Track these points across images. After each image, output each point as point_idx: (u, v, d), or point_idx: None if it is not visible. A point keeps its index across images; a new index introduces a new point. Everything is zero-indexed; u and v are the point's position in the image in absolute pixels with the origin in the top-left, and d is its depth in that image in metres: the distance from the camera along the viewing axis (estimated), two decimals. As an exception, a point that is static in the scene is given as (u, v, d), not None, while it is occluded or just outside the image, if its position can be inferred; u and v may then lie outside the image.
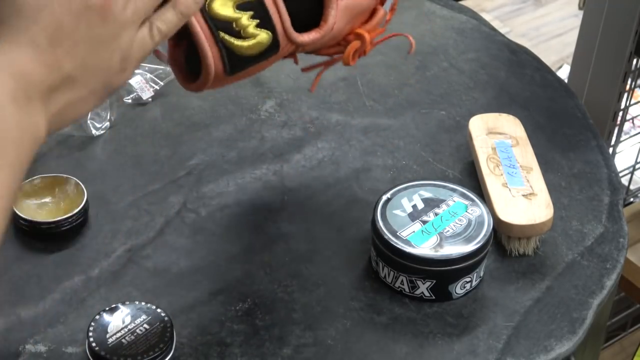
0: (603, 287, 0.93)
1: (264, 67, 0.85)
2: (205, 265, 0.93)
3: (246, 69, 0.83)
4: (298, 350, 0.85)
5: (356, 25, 0.87)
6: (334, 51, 0.89)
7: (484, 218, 0.91)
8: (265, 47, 0.82)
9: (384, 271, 0.90)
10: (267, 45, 0.82)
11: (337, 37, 0.86)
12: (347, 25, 0.86)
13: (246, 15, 0.80)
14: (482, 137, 1.03)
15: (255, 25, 0.81)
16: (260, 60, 0.83)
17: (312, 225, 0.98)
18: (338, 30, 0.85)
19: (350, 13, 0.85)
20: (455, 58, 1.22)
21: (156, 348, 0.81)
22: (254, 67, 0.84)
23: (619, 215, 1.01)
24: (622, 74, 1.26)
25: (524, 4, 2.45)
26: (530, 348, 0.87)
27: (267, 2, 0.81)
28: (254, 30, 0.81)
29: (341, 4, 0.84)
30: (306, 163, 1.05)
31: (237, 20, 0.80)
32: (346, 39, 0.87)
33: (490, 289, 0.92)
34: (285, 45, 0.83)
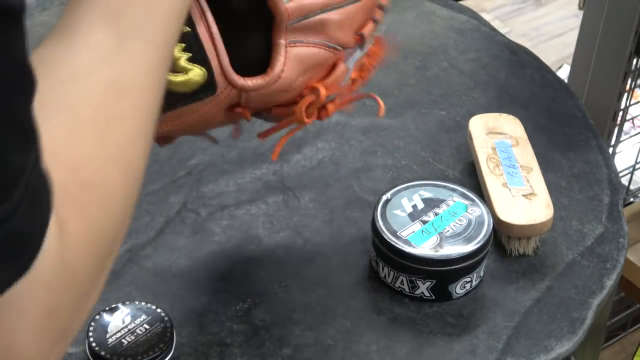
0: (603, 287, 0.93)
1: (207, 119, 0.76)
2: (205, 265, 0.93)
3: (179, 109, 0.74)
4: (298, 350, 0.85)
5: (313, 80, 0.78)
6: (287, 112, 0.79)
7: (484, 218, 0.91)
8: (198, 84, 0.73)
9: (384, 271, 0.90)
10: (200, 82, 0.73)
11: (289, 90, 0.77)
12: (301, 79, 0.76)
13: (178, 47, 0.72)
14: (482, 137, 1.03)
15: (187, 59, 0.72)
16: (195, 100, 0.74)
17: (311, 225, 0.98)
18: (288, 81, 0.76)
19: (302, 64, 0.76)
20: (455, 58, 1.22)
21: (156, 348, 0.81)
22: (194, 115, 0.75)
23: (619, 215, 1.01)
24: (622, 74, 1.26)
25: (524, 4, 2.45)
26: (530, 348, 0.87)
27: (201, 35, 0.72)
28: (185, 64, 0.72)
29: (291, 53, 0.75)
30: (306, 163, 1.05)
31: None
32: (301, 95, 0.78)
33: (490, 289, 0.92)
34: (224, 88, 0.74)
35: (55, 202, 0.48)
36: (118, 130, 0.55)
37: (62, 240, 0.48)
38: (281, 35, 0.74)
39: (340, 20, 0.76)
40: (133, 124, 0.56)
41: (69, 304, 0.50)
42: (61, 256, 0.48)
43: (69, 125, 0.53)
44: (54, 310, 0.49)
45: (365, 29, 0.78)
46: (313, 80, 0.77)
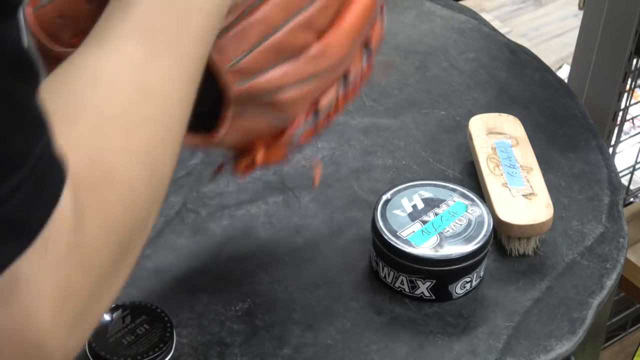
0: (603, 287, 0.93)
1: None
2: (205, 265, 0.93)
3: None
4: (298, 350, 0.85)
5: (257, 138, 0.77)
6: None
7: (484, 218, 0.91)
8: None
9: (384, 271, 0.90)
10: None
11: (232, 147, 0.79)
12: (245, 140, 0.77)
13: None
14: (482, 137, 1.03)
15: None
16: None
17: (312, 225, 0.98)
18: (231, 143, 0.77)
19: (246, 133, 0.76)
20: (455, 58, 1.22)
21: (156, 348, 0.81)
22: None
23: (619, 215, 1.01)
24: (622, 74, 1.26)
25: (524, 4, 2.45)
26: (530, 348, 0.87)
27: None
28: None
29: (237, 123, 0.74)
30: (306, 163, 1.05)
31: None
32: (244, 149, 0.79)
33: (490, 289, 0.92)
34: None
35: (76, 189, 0.50)
36: (144, 131, 0.56)
37: (78, 226, 0.50)
38: (229, 109, 0.73)
39: (294, 99, 0.73)
40: (160, 129, 0.58)
41: (84, 288, 0.51)
42: (76, 240, 0.50)
43: (95, 122, 0.54)
44: (69, 292, 0.50)
45: (323, 100, 0.76)
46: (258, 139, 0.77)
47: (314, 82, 0.74)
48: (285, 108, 0.74)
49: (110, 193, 0.53)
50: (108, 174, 0.53)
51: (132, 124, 0.56)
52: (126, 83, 0.57)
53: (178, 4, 0.60)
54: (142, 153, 0.56)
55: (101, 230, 0.52)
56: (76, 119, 0.54)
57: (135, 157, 0.55)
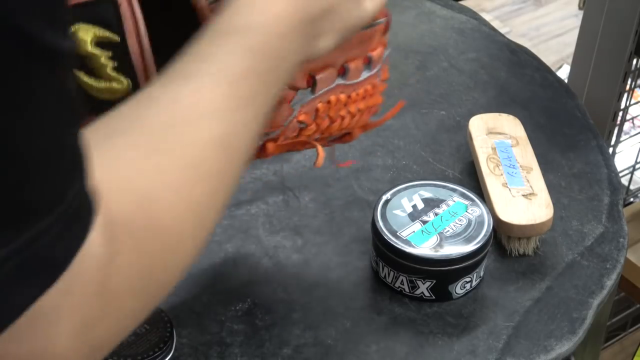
0: (603, 287, 0.93)
1: None
2: (205, 265, 0.93)
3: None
4: (298, 350, 0.85)
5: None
6: None
7: (484, 218, 0.91)
8: (122, 94, 0.71)
9: (384, 271, 0.90)
10: (123, 92, 0.71)
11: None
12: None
13: (105, 54, 0.70)
14: (482, 137, 1.03)
15: (112, 68, 0.70)
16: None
17: (311, 225, 0.98)
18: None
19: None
20: (455, 58, 1.22)
21: (156, 348, 0.81)
22: None
23: (619, 215, 1.01)
24: (622, 74, 1.26)
25: (524, 4, 2.45)
26: (530, 348, 0.87)
27: (131, 48, 0.70)
28: (110, 72, 0.70)
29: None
30: (306, 163, 1.05)
31: (93, 57, 0.70)
32: None
33: (490, 289, 0.92)
34: None
35: (115, 230, 0.49)
36: (206, 186, 0.56)
37: (108, 267, 0.49)
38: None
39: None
40: (219, 183, 0.58)
41: (104, 327, 0.51)
42: (104, 281, 0.49)
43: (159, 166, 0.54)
44: (88, 330, 0.50)
45: (320, 73, 0.76)
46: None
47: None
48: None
49: (150, 242, 0.52)
50: (153, 223, 0.52)
51: (197, 178, 0.56)
52: (205, 132, 0.57)
53: (272, 60, 0.62)
54: (196, 208, 0.56)
55: (133, 276, 0.51)
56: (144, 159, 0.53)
57: (188, 212, 0.55)
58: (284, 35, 0.63)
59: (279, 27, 0.63)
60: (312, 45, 0.67)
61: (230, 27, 0.62)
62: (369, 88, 0.81)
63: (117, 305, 0.51)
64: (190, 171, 0.55)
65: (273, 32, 0.62)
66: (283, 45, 0.63)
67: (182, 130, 0.56)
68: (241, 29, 0.61)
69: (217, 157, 0.57)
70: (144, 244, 0.52)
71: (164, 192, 0.54)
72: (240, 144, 0.59)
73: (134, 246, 0.51)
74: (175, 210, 0.54)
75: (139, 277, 0.52)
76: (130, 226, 0.51)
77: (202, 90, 0.58)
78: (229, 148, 0.58)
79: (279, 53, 0.63)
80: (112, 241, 0.49)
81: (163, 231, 0.53)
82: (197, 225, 0.56)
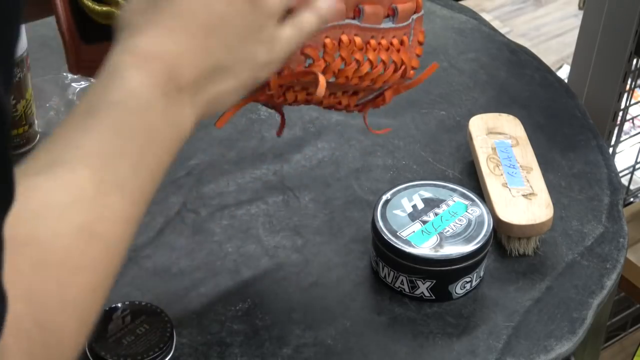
0: (603, 287, 0.93)
1: None
2: (205, 265, 0.93)
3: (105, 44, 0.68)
4: (298, 350, 0.85)
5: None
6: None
7: (484, 218, 0.91)
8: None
9: (384, 271, 0.90)
10: None
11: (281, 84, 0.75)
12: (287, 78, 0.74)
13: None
14: (482, 137, 1.03)
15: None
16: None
17: (311, 225, 0.98)
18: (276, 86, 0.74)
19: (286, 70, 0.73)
20: (455, 58, 1.22)
21: (156, 348, 0.81)
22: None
23: (619, 215, 1.01)
24: (622, 74, 1.26)
25: (524, 4, 2.45)
26: (530, 348, 0.87)
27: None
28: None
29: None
30: (306, 163, 1.05)
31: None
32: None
33: (490, 289, 0.92)
34: None
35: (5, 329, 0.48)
36: (82, 277, 0.55)
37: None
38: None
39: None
40: (96, 274, 0.56)
41: None
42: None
43: (35, 261, 0.52)
44: None
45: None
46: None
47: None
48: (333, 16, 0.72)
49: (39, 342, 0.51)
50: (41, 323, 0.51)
51: (72, 268, 0.54)
52: (73, 220, 0.55)
53: (138, 139, 0.59)
54: (77, 302, 0.54)
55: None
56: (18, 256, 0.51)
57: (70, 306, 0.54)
58: (150, 109, 0.60)
59: (141, 101, 0.59)
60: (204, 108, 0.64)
61: (91, 108, 0.59)
62: (395, 42, 0.78)
63: None
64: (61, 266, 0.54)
65: (136, 108, 0.59)
66: (150, 119, 0.60)
67: (47, 223, 0.54)
68: (102, 108, 0.59)
69: (88, 248, 0.55)
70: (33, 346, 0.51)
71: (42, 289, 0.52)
72: (113, 231, 0.57)
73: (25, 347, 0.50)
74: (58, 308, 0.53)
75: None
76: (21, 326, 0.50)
77: (63, 178, 0.56)
78: (99, 237, 0.56)
79: (147, 128, 0.59)
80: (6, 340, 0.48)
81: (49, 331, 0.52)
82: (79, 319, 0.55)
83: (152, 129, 0.60)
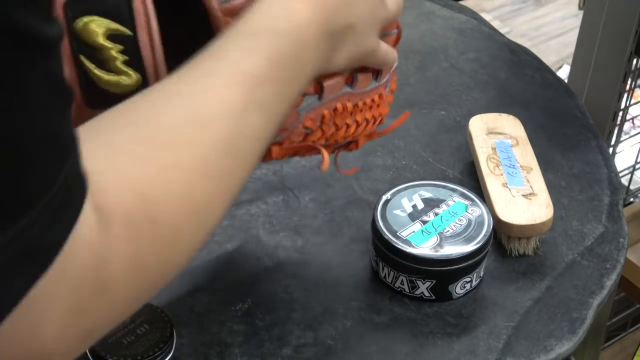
0: (603, 287, 0.93)
1: None
2: (205, 265, 0.93)
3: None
4: (298, 350, 0.85)
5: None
6: None
7: (484, 218, 0.91)
8: (130, 88, 0.71)
9: (384, 271, 0.90)
10: (132, 87, 0.71)
11: None
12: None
13: (116, 48, 0.70)
14: (482, 137, 1.03)
15: (123, 62, 0.70)
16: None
17: (312, 225, 0.98)
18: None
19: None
20: (455, 58, 1.22)
21: (156, 348, 0.81)
22: None
23: (619, 215, 1.01)
24: (622, 74, 1.26)
25: (524, 4, 2.45)
26: (530, 348, 0.87)
27: (142, 43, 0.70)
28: (120, 66, 0.70)
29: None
30: (306, 163, 1.05)
31: (104, 49, 0.70)
32: None
33: (490, 289, 0.92)
34: None
35: (112, 220, 0.49)
36: (207, 186, 0.56)
37: (101, 254, 0.49)
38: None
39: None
40: (222, 185, 0.58)
41: (97, 312, 0.51)
42: (98, 267, 0.49)
43: (167, 163, 0.54)
44: (80, 313, 0.50)
45: (328, 80, 0.77)
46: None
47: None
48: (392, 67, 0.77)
49: (147, 237, 0.52)
50: (152, 219, 0.52)
51: (200, 177, 0.56)
52: (214, 132, 0.57)
53: (289, 69, 0.62)
54: (197, 208, 0.56)
55: (128, 267, 0.51)
56: (149, 153, 0.53)
57: (188, 211, 0.55)
58: (306, 45, 0.63)
59: (302, 35, 0.63)
60: (330, 58, 0.68)
61: (254, 29, 0.62)
62: (376, 98, 0.82)
63: (110, 294, 0.51)
64: (194, 171, 0.55)
65: (296, 40, 0.63)
66: (303, 54, 0.63)
67: (190, 129, 0.56)
68: (264, 32, 0.62)
69: (223, 159, 0.57)
70: (141, 238, 0.52)
71: (165, 189, 0.53)
72: (248, 148, 0.60)
73: (130, 238, 0.51)
74: (175, 208, 0.54)
75: (133, 269, 0.52)
76: (128, 219, 0.51)
77: (215, 90, 0.58)
78: (236, 151, 0.58)
79: (298, 61, 0.63)
80: (107, 230, 0.49)
81: (161, 227, 0.53)
82: (196, 224, 0.56)
83: (302, 64, 0.64)
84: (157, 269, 0.54)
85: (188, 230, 0.56)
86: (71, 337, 0.50)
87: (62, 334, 0.49)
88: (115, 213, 0.50)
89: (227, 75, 0.59)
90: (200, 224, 0.57)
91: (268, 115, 0.61)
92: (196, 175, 0.55)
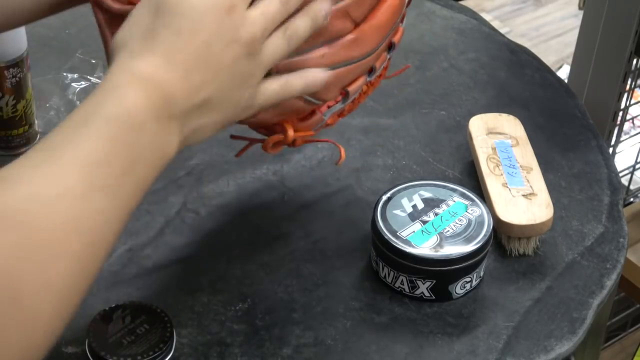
0: (603, 287, 0.93)
1: None
2: (205, 266, 0.93)
3: None
4: (298, 350, 0.85)
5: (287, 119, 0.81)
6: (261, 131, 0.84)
7: (484, 218, 0.91)
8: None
9: (384, 271, 0.90)
10: None
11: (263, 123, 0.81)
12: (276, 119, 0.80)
13: None
14: (482, 137, 1.03)
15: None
16: None
17: (312, 225, 0.98)
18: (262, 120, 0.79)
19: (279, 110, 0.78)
20: (455, 58, 1.22)
21: (156, 348, 0.81)
22: None
23: (619, 215, 1.01)
24: (622, 74, 1.26)
25: (524, 4, 2.46)
26: (530, 348, 0.87)
27: None
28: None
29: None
30: (306, 163, 1.05)
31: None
32: (272, 127, 0.81)
33: (490, 289, 0.92)
34: None
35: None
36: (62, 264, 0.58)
37: None
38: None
39: (327, 81, 0.76)
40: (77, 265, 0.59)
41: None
42: None
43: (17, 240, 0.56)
44: None
45: (352, 85, 0.79)
46: (287, 120, 0.80)
47: (346, 69, 0.78)
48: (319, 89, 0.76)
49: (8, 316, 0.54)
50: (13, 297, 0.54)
51: (51, 256, 0.57)
52: (58, 212, 0.58)
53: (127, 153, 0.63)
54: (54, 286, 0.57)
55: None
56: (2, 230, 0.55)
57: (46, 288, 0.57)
58: (142, 129, 0.64)
59: (136, 120, 0.63)
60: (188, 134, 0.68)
61: (87, 118, 0.63)
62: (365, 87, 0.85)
63: None
64: (46, 251, 0.57)
65: (130, 125, 0.63)
66: (140, 138, 0.64)
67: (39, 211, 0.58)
68: (97, 119, 0.63)
69: (69, 238, 0.59)
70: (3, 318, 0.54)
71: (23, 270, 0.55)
72: (97, 228, 0.61)
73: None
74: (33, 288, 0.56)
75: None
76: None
77: (54, 173, 0.60)
78: (79, 230, 0.59)
79: (135, 144, 0.63)
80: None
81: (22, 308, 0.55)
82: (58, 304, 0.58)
83: (141, 148, 0.64)
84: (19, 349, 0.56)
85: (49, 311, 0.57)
86: None
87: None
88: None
89: (65, 161, 0.60)
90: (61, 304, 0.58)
91: (115, 197, 0.62)
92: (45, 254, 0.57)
